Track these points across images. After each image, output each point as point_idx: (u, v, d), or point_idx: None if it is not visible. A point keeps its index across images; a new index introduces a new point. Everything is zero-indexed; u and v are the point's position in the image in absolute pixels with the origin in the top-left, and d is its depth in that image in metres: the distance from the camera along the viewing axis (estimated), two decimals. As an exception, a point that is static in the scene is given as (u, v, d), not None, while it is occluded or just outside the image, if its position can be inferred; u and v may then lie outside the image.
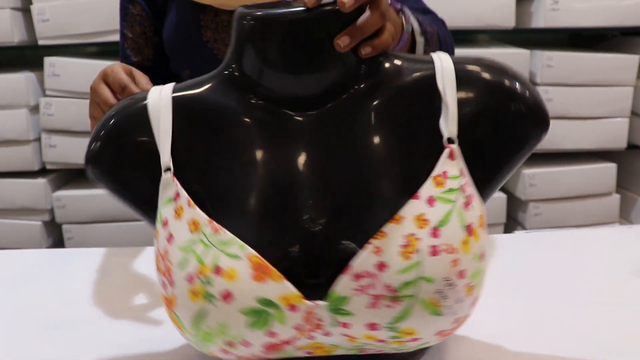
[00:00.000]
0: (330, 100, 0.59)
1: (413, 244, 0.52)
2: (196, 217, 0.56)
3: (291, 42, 0.57)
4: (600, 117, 2.08)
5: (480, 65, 0.60)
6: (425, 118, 0.58)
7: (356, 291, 0.53)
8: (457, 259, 0.53)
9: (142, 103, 0.61)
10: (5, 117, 1.96)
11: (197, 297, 0.54)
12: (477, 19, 1.98)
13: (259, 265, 0.53)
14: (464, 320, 0.58)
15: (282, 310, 0.53)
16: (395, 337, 0.55)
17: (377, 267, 0.52)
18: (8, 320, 0.79)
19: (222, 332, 0.54)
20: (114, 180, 0.61)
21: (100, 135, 0.61)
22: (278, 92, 0.59)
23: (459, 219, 0.55)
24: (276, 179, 0.57)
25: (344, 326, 0.54)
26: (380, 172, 0.56)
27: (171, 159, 0.58)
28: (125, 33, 1.11)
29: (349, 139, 0.57)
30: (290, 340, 0.55)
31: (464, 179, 0.57)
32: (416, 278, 0.52)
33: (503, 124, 0.59)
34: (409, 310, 0.53)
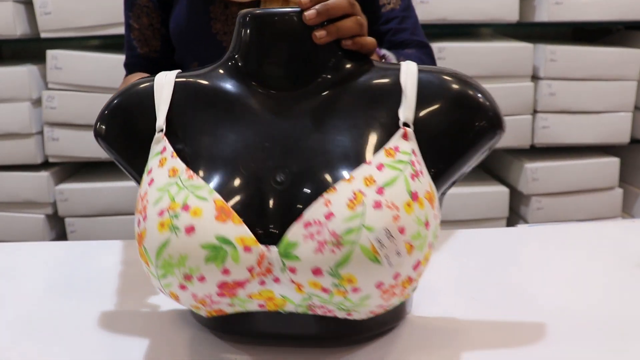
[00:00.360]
0: (305, 85, 0.69)
1: (359, 198, 0.59)
2: (176, 165, 0.65)
3: (278, 35, 0.68)
4: (604, 111, 2.07)
5: (444, 72, 0.68)
6: (387, 107, 0.66)
7: (305, 237, 0.59)
8: (398, 216, 0.59)
9: (149, 82, 0.72)
10: (7, 110, 1.96)
11: (164, 227, 0.61)
12: (481, 12, 1.98)
13: (223, 209, 0.61)
14: (406, 282, 0.61)
15: (237, 250, 0.59)
16: (337, 285, 0.58)
17: (325, 217, 0.58)
18: (10, 313, 0.79)
19: (181, 262, 0.60)
20: (120, 144, 0.71)
21: (111, 103, 0.72)
22: (264, 76, 0.69)
23: (405, 185, 0.61)
24: (249, 145, 0.66)
25: (291, 271, 0.59)
26: (340, 145, 0.64)
27: (165, 122, 0.68)
28: (131, 24, 1.10)
29: (316, 117, 0.67)
30: (242, 283, 0.60)
31: (414, 157, 0.63)
32: (359, 226, 0.57)
33: (459, 120, 0.66)
34: (350, 255, 0.57)
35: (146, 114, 0.70)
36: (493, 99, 0.66)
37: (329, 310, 0.63)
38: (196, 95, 0.70)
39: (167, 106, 0.69)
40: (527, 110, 2.05)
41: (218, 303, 0.63)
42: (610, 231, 1.07)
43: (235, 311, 0.65)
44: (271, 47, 0.69)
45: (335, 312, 0.63)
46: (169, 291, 0.63)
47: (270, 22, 0.68)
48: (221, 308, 0.64)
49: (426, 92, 0.66)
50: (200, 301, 0.63)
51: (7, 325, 0.76)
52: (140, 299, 0.82)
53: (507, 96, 2.01)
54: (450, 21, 1.98)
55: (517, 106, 2.03)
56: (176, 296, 0.63)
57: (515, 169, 2.13)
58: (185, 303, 0.64)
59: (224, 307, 0.64)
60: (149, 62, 1.12)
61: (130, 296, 0.83)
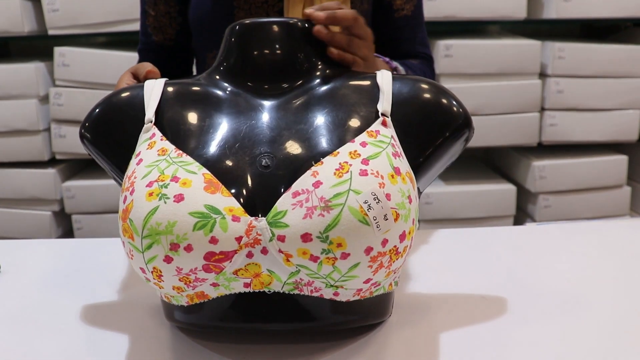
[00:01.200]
0: (290, 86, 0.74)
1: (345, 168, 0.62)
2: (165, 146, 0.67)
3: (265, 41, 0.75)
4: (612, 109, 2.07)
5: (418, 79, 0.74)
6: (365, 103, 0.71)
7: (293, 206, 0.60)
8: (384, 183, 0.61)
9: (140, 85, 0.76)
10: (15, 107, 1.97)
11: (152, 196, 0.61)
12: (488, 9, 1.97)
13: (212, 181, 0.62)
14: (393, 252, 0.62)
15: (226, 219, 0.60)
16: (326, 250, 0.59)
17: (314, 185, 0.61)
18: (17, 310, 0.80)
19: (169, 229, 0.60)
20: (105, 142, 0.73)
21: (101, 103, 0.75)
22: (252, 80, 0.75)
23: (388, 159, 0.64)
24: (236, 135, 0.69)
25: (280, 239, 0.59)
26: (323, 134, 0.68)
27: (154, 116, 0.71)
28: (147, 10, 1.10)
29: (300, 112, 0.71)
30: (230, 254, 0.60)
31: (394, 142, 0.67)
32: (346, 190, 0.60)
33: (431, 115, 0.71)
34: (338, 217, 0.59)
35: (135, 115, 0.73)
36: (462, 103, 0.74)
37: (316, 289, 0.63)
38: (185, 95, 0.74)
39: (157, 102, 0.72)
40: (535, 108, 2.04)
41: (202, 282, 0.62)
42: (620, 230, 1.07)
43: (219, 294, 0.63)
44: (258, 53, 0.75)
45: (322, 290, 0.63)
46: (152, 267, 0.61)
47: (259, 30, 0.75)
48: (204, 290, 0.63)
49: (401, 94, 0.72)
50: (184, 278, 0.61)
51: (10, 322, 0.76)
52: (143, 297, 0.82)
53: (515, 94, 2.01)
54: (458, 18, 1.98)
55: (524, 104, 2.02)
56: (159, 274, 0.62)
57: (522, 167, 2.12)
58: (168, 283, 0.63)
59: (207, 289, 0.63)
60: (162, 50, 1.12)
61: (138, 294, 0.83)
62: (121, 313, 0.77)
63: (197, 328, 0.69)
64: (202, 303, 0.65)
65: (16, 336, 0.73)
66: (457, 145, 0.72)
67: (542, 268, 0.89)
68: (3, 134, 1.99)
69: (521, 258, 0.92)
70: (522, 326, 0.72)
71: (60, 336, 0.72)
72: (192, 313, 0.66)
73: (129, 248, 0.63)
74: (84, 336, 0.72)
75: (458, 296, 0.80)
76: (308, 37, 0.77)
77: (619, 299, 0.79)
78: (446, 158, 0.72)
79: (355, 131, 0.68)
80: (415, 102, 0.71)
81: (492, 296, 0.79)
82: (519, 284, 0.83)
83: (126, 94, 0.75)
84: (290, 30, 0.76)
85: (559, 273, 0.87)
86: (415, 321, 0.73)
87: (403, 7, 1.09)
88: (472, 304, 0.77)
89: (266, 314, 0.64)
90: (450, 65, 1.97)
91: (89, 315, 0.77)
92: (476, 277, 0.86)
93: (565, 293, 0.80)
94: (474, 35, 2.09)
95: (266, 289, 0.62)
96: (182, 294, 0.64)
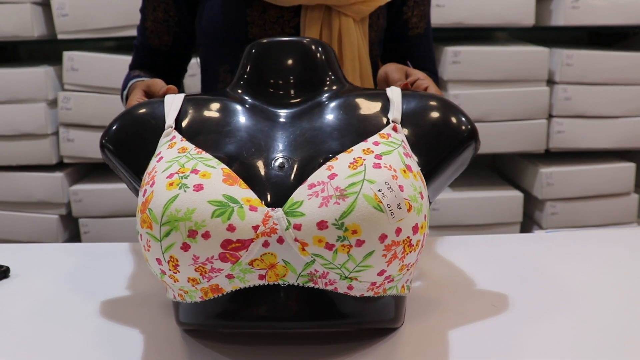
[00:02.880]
0: (304, 100, 0.78)
1: (359, 161, 0.64)
2: (185, 145, 0.70)
3: (283, 59, 0.81)
4: (620, 116, 2.06)
5: (425, 94, 0.78)
6: (377, 113, 0.75)
7: (309, 196, 0.62)
8: (397, 176, 0.64)
9: (160, 100, 0.80)
10: (24, 110, 1.98)
11: (172, 186, 0.63)
12: (497, 16, 1.97)
13: (230, 175, 0.65)
14: (407, 244, 0.63)
15: (243, 208, 0.62)
16: (342, 238, 0.60)
17: (329, 177, 0.63)
18: (25, 314, 0.80)
19: (187, 216, 0.61)
20: (124, 154, 0.76)
21: (121, 115, 0.78)
22: (269, 94, 0.79)
23: (399, 157, 0.66)
24: (254, 140, 0.71)
25: (296, 228, 0.61)
26: (337, 138, 0.71)
27: (174, 123, 0.74)
28: (146, 12, 1.09)
29: (314, 120, 0.74)
30: (247, 243, 0.61)
31: (405, 144, 0.70)
32: (361, 180, 0.62)
33: (438, 129, 0.74)
34: (354, 204, 0.61)
35: (156, 124, 0.76)
36: (469, 117, 0.75)
37: (331, 282, 0.63)
38: (204, 106, 0.77)
39: (177, 112, 0.75)
40: (543, 115, 2.04)
41: (218, 272, 0.62)
42: (629, 237, 1.07)
43: (234, 287, 0.63)
44: (275, 70, 0.80)
45: (336, 282, 0.63)
46: (169, 256, 0.62)
47: (276, 48, 0.81)
48: (218, 283, 0.63)
49: (410, 107, 0.75)
50: (200, 268, 0.62)
51: (22, 325, 0.76)
52: (153, 302, 0.82)
53: (523, 100, 2.01)
54: (466, 25, 1.98)
55: (532, 110, 2.02)
56: (175, 263, 0.63)
57: (530, 174, 2.12)
58: (184, 275, 0.63)
59: (222, 281, 0.63)
60: (157, 54, 1.11)
61: (144, 298, 0.83)
62: (131, 317, 0.78)
63: (209, 328, 0.69)
64: (215, 300, 0.65)
65: (26, 340, 0.73)
66: (463, 157, 0.74)
67: (551, 276, 0.88)
68: (12, 137, 2.00)
69: (531, 266, 0.92)
70: (532, 334, 0.72)
71: (71, 340, 0.73)
72: (204, 311, 0.66)
73: (147, 239, 0.64)
74: (94, 340, 0.72)
75: (469, 303, 0.80)
76: (321, 57, 0.82)
77: (629, 307, 0.78)
78: (452, 169, 0.74)
79: (367, 135, 0.70)
80: (423, 115, 0.75)
81: (501, 303, 0.79)
82: (528, 291, 0.83)
83: (147, 107, 0.79)
84: (305, 49, 0.81)
85: (568, 281, 0.86)
86: (426, 327, 0.73)
87: (417, 25, 1.10)
88: (482, 310, 0.77)
89: (279, 312, 0.64)
90: (458, 71, 1.97)
91: (98, 319, 0.77)
92: (486, 284, 0.86)
93: (574, 300, 0.80)
94: (482, 42, 2.09)
95: (281, 281, 0.63)
96: (196, 287, 0.64)
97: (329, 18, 0.98)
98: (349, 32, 0.98)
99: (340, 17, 0.98)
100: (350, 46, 0.99)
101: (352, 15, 0.98)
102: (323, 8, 0.97)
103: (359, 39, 1.00)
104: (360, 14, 0.99)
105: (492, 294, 0.82)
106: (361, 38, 1.01)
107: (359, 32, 1.00)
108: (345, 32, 0.98)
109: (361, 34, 1.01)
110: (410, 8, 1.08)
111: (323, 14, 0.98)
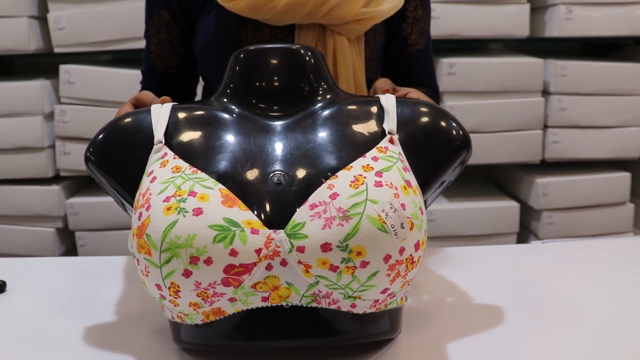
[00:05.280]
0: (296, 109, 0.76)
1: (360, 180, 0.63)
2: (179, 164, 0.68)
3: (271, 67, 0.77)
4: (614, 126, 2.07)
5: (419, 102, 0.77)
6: (371, 123, 0.73)
7: (311, 217, 0.61)
8: (398, 194, 0.63)
9: (146, 109, 0.77)
10: (20, 124, 1.97)
11: (171, 210, 0.61)
12: (491, 28, 1.98)
13: (229, 196, 0.63)
14: (409, 262, 0.63)
15: (245, 231, 0.61)
16: (346, 260, 0.60)
17: (330, 197, 0.62)
18: (23, 330, 0.79)
19: (188, 242, 0.60)
20: (111, 165, 0.73)
21: (106, 127, 0.75)
22: (259, 102, 0.76)
23: (399, 172, 0.66)
24: (247, 155, 0.69)
25: (299, 250, 0.60)
26: (333, 152, 0.69)
27: (163, 137, 0.72)
28: (150, 36, 1.08)
29: (308, 132, 0.72)
30: (249, 267, 0.60)
31: (402, 157, 0.69)
32: (363, 200, 0.61)
33: (432, 136, 0.73)
34: (358, 226, 0.60)
35: (143, 138, 0.73)
36: (462, 125, 0.75)
37: (334, 301, 0.63)
38: (193, 118, 0.75)
39: (165, 125, 0.73)
40: (538, 125, 2.04)
41: (220, 296, 0.61)
42: (625, 247, 1.07)
43: (236, 310, 0.63)
44: (263, 78, 0.77)
45: (340, 302, 0.63)
46: (169, 283, 0.61)
47: (263, 56, 0.78)
48: (220, 306, 0.63)
49: (404, 115, 0.74)
50: (202, 293, 0.61)
51: (17, 341, 0.76)
52: (150, 317, 0.82)
53: (518, 111, 2.01)
54: (461, 36, 1.99)
55: (527, 121, 2.03)
56: (177, 289, 0.61)
57: (526, 184, 2.12)
58: (185, 300, 0.62)
59: (225, 304, 0.62)
60: (164, 77, 1.11)
61: (139, 314, 0.83)
62: (127, 334, 0.77)
63: (210, 348, 0.68)
64: (216, 321, 0.64)
65: (22, 355, 0.72)
66: (454, 165, 0.74)
67: (547, 286, 0.88)
68: (8, 150, 2.00)
69: (528, 277, 0.92)
70: (529, 345, 0.72)
71: (65, 356, 0.72)
72: (205, 332, 0.65)
73: (145, 265, 0.62)
74: (89, 356, 0.72)
75: (465, 314, 0.80)
76: (311, 63, 0.79)
77: (627, 318, 0.78)
78: (444, 177, 0.74)
79: (363, 148, 0.69)
80: (417, 123, 0.74)
81: (498, 315, 0.79)
82: (525, 302, 0.83)
83: (132, 118, 0.75)
84: (294, 57, 0.78)
85: (565, 291, 0.86)
86: (423, 339, 0.73)
87: (417, 41, 1.09)
88: (479, 322, 0.77)
89: (282, 331, 0.64)
90: (453, 83, 1.98)
91: (95, 335, 0.77)
92: (483, 295, 0.86)
93: (571, 311, 0.80)
94: (477, 53, 2.10)
95: (284, 302, 0.62)
96: (198, 311, 0.64)
97: (323, 37, 0.96)
98: (343, 51, 0.96)
99: (334, 37, 0.96)
100: (345, 65, 0.97)
101: (346, 34, 0.96)
102: (317, 27, 0.96)
103: (354, 57, 0.98)
104: (354, 33, 0.97)
105: (488, 305, 0.82)
106: (356, 57, 0.99)
107: (354, 51, 0.98)
108: (339, 51, 0.96)
109: (356, 53, 0.99)
110: (409, 25, 1.06)
111: (317, 33, 0.96)
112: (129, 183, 0.72)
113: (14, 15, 1.92)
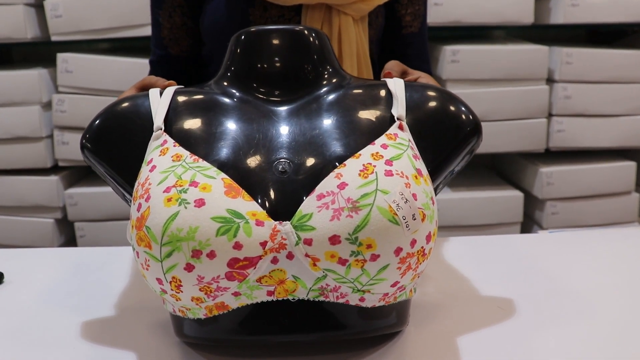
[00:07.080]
0: (300, 93, 0.73)
1: (370, 169, 0.60)
2: (179, 152, 0.64)
3: (273, 49, 0.74)
4: (620, 114, 2.05)
5: (428, 86, 0.74)
6: (379, 108, 0.70)
7: (319, 208, 0.58)
8: (409, 184, 0.60)
9: (144, 94, 0.74)
10: (17, 113, 1.95)
11: (171, 202, 0.58)
12: (495, 14, 1.95)
13: (232, 186, 0.60)
14: (420, 254, 0.61)
15: (249, 223, 0.58)
16: (355, 252, 0.57)
17: (339, 187, 0.59)
18: (21, 322, 0.78)
19: (190, 235, 0.57)
20: (108, 152, 0.70)
21: (102, 112, 0.73)
22: (261, 86, 0.73)
23: (409, 161, 0.63)
24: (250, 142, 0.66)
25: (307, 243, 0.57)
26: (340, 138, 0.66)
27: (163, 124, 0.69)
28: (161, 22, 1.06)
29: (313, 117, 0.69)
30: (254, 260, 0.57)
31: (412, 145, 0.67)
32: (374, 190, 0.58)
33: (443, 121, 0.71)
34: (368, 217, 0.57)
35: (142, 124, 0.70)
36: (472, 110, 0.73)
37: (342, 295, 0.60)
38: (193, 103, 0.71)
39: (165, 110, 0.70)
40: (542, 114, 2.02)
41: (224, 291, 0.59)
42: (634, 237, 1.05)
43: (240, 304, 0.61)
44: (264, 60, 0.74)
45: (348, 295, 0.61)
46: (170, 277, 0.59)
47: (265, 37, 0.74)
48: (224, 300, 0.60)
49: (413, 100, 0.71)
50: (205, 288, 0.59)
51: (14, 334, 0.74)
52: (150, 309, 0.80)
53: (522, 99, 1.99)
54: (465, 23, 1.96)
55: (532, 109, 2.00)
56: (178, 284, 0.59)
57: (530, 173, 2.10)
58: (187, 294, 0.60)
59: (228, 299, 0.60)
60: (177, 62, 1.09)
61: (139, 306, 0.81)
62: (127, 327, 0.76)
63: (212, 343, 0.67)
64: (220, 315, 0.62)
65: (19, 349, 0.71)
66: (464, 152, 0.72)
67: (556, 276, 0.87)
68: (5, 140, 1.98)
69: (535, 266, 0.91)
70: (540, 336, 0.70)
71: (64, 350, 0.71)
72: (208, 326, 0.63)
73: (145, 258, 0.60)
74: (89, 350, 0.70)
75: (475, 306, 0.78)
76: (315, 44, 0.75)
77: (638, 308, 0.77)
78: (453, 166, 0.71)
79: (371, 135, 0.66)
80: (426, 108, 0.71)
81: (508, 306, 0.78)
82: (534, 293, 0.81)
83: (130, 103, 0.73)
84: (297, 38, 0.75)
85: (574, 282, 0.85)
86: (433, 331, 0.72)
87: (411, 24, 1.09)
88: (489, 313, 0.76)
89: (287, 325, 0.61)
90: (456, 70, 1.95)
91: (94, 328, 0.75)
92: (491, 286, 0.84)
93: (580, 302, 0.79)
94: (480, 41, 2.07)
95: (290, 296, 0.60)
96: (200, 306, 0.61)
97: (329, 17, 0.98)
98: (348, 30, 0.98)
99: (340, 16, 0.98)
100: (349, 44, 0.98)
101: (351, 13, 0.98)
102: (323, 7, 0.97)
103: (358, 37, 1.00)
104: (360, 13, 0.99)
105: (498, 297, 0.81)
106: (361, 36, 1.00)
107: (359, 31, 1.00)
108: (344, 29, 0.98)
109: (361, 32, 1.01)
110: (403, 6, 1.07)
111: (324, 12, 0.97)
112: (127, 172, 0.69)
113: (10, 3, 1.89)
